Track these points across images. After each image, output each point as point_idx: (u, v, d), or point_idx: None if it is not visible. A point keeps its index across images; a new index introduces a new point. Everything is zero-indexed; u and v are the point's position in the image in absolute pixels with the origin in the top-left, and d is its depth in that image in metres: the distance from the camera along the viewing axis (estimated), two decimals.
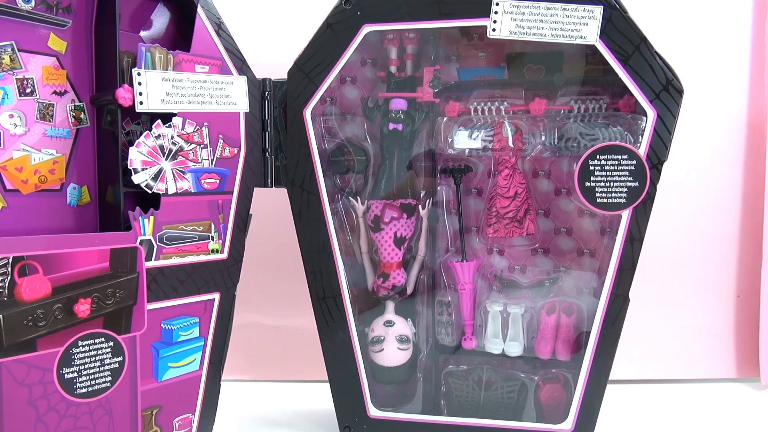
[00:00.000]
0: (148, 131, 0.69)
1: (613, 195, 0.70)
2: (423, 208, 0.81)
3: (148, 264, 0.69)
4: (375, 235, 0.81)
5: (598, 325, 0.72)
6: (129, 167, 0.68)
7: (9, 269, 0.59)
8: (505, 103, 0.78)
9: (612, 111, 0.74)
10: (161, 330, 0.71)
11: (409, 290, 0.82)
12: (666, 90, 0.68)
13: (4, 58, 0.64)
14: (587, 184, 0.71)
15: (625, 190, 0.70)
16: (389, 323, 0.81)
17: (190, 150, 0.72)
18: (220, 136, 0.74)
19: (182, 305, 0.73)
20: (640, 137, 0.69)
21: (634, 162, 0.69)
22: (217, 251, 0.75)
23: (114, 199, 0.70)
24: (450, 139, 0.79)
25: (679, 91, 0.68)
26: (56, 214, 0.69)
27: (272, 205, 0.83)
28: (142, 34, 0.75)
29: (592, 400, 0.74)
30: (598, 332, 0.72)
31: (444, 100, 0.79)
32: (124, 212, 0.68)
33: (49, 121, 0.68)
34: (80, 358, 0.64)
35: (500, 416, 0.78)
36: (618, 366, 0.74)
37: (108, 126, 0.71)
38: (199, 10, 0.72)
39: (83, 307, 0.63)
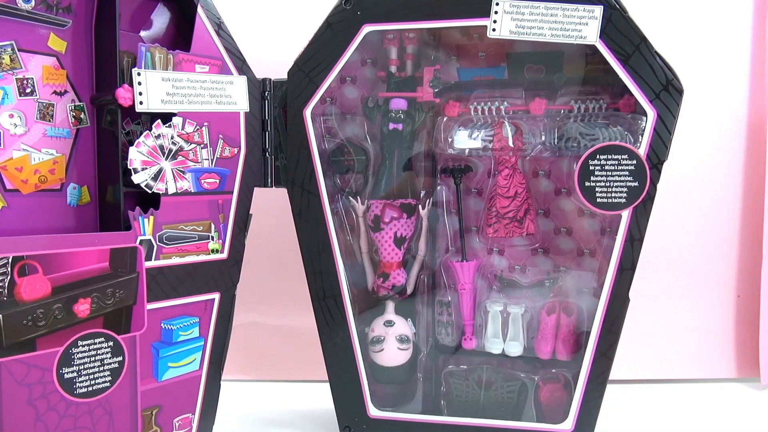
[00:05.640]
0: (148, 131, 0.69)
1: (613, 195, 0.70)
2: (423, 208, 0.81)
3: (148, 264, 0.69)
4: (375, 235, 0.81)
5: (598, 325, 0.72)
6: (129, 167, 0.68)
7: (9, 269, 0.59)
8: (505, 103, 0.78)
9: (612, 111, 0.74)
10: (161, 330, 0.71)
11: (409, 290, 0.82)
12: (666, 90, 0.68)
13: (4, 58, 0.64)
14: (587, 184, 0.71)
15: (625, 190, 0.69)
16: (389, 323, 0.81)
17: (190, 150, 0.72)
18: (220, 136, 0.74)
19: (182, 305, 0.73)
20: (640, 137, 0.69)
21: (634, 162, 0.69)
22: (217, 251, 0.75)
23: (114, 199, 0.70)
24: (450, 139, 0.79)
25: (679, 91, 0.68)
26: (56, 214, 0.69)
27: (272, 205, 0.83)
28: (142, 34, 0.75)
29: (592, 400, 0.74)
30: (598, 332, 0.72)
31: (444, 100, 0.79)
32: (124, 212, 0.68)
33: (49, 121, 0.68)
34: (80, 358, 0.64)
35: (500, 416, 0.78)
36: (618, 366, 0.74)
37: (108, 126, 0.71)
38: (199, 10, 0.72)
39: (83, 307, 0.63)
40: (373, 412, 0.80)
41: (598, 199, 0.70)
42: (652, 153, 0.69)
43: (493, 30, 0.71)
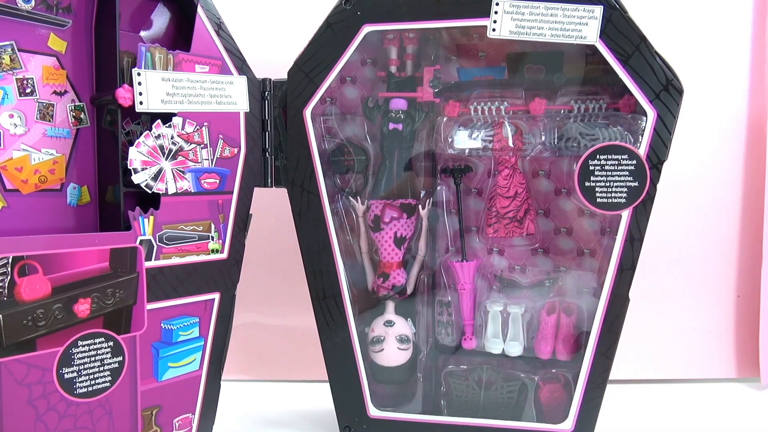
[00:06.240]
0: (148, 131, 0.69)
1: (613, 195, 0.70)
2: (423, 208, 0.81)
3: (148, 264, 0.69)
4: (375, 235, 0.81)
5: (598, 325, 0.72)
6: (129, 167, 0.68)
7: (9, 269, 0.59)
8: (505, 103, 0.78)
9: (612, 111, 0.74)
10: (161, 330, 0.71)
11: (409, 290, 0.82)
12: (666, 90, 0.68)
13: (4, 58, 0.64)
14: (587, 184, 0.71)
15: (625, 190, 0.70)
16: (389, 323, 0.81)
17: (190, 150, 0.72)
18: (220, 136, 0.74)
19: (182, 305, 0.73)
20: (640, 137, 0.69)
21: (634, 162, 0.69)
22: (217, 251, 0.75)
23: (114, 199, 0.70)
24: (450, 139, 0.79)
25: (679, 91, 0.68)
26: (56, 214, 0.69)
27: (272, 205, 0.83)
28: (142, 34, 0.75)
29: (592, 400, 0.74)
30: (598, 332, 0.72)
31: (444, 100, 0.79)
32: (124, 212, 0.68)
33: (49, 121, 0.68)
34: (80, 358, 0.64)
35: (500, 416, 0.78)
36: (618, 366, 0.74)
37: (108, 126, 0.71)
38: (199, 10, 0.72)
39: (83, 307, 0.63)
40: (373, 412, 0.80)
41: (598, 199, 0.70)
42: (652, 153, 0.69)
43: (493, 30, 0.71)
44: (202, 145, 0.73)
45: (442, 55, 0.82)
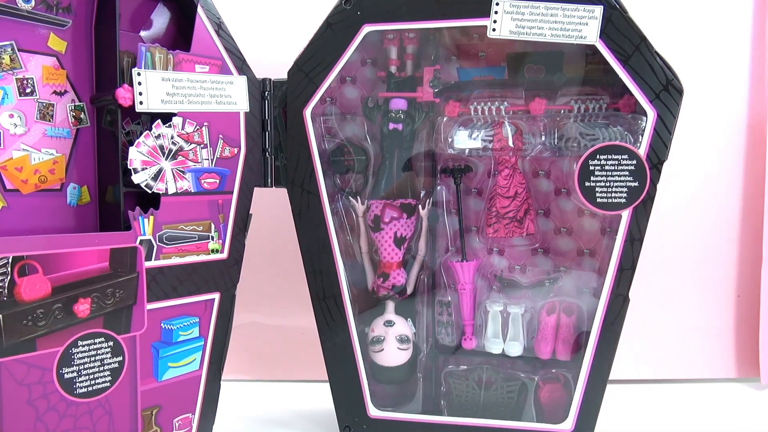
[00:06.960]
0: (148, 131, 0.69)
1: (613, 195, 0.70)
2: (423, 208, 0.81)
3: (148, 264, 0.69)
4: (375, 235, 0.81)
5: (598, 325, 0.72)
6: (129, 167, 0.68)
7: (9, 269, 0.59)
8: (505, 103, 0.78)
9: (612, 111, 0.74)
10: (161, 330, 0.71)
11: (409, 290, 0.82)
12: (666, 90, 0.68)
13: (4, 58, 0.64)
14: (587, 184, 0.71)
15: (625, 190, 0.70)
16: (389, 323, 0.81)
17: (190, 150, 0.72)
18: (220, 136, 0.74)
19: (182, 305, 0.73)
20: (640, 137, 0.69)
21: (634, 162, 0.69)
22: (217, 251, 0.75)
23: (114, 199, 0.70)
24: (450, 139, 0.79)
25: (679, 91, 0.68)
26: (56, 214, 0.69)
27: (272, 205, 0.83)
28: (142, 34, 0.75)
29: (592, 400, 0.74)
30: (598, 332, 0.72)
31: (444, 100, 0.79)
32: (124, 212, 0.68)
33: (49, 121, 0.68)
34: (80, 358, 0.64)
35: (500, 416, 0.78)
36: (618, 366, 0.74)
37: (108, 126, 0.71)
38: (199, 10, 0.72)
39: (83, 307, 0.63)
40: (373, 412, 0.80)
41: (598, 199, 0.70)
42: (652, 153, 0.69)
43: (493, 30, 0.71)
44: (202, 145, 0.73)
45: (442, 55, 0.82)
